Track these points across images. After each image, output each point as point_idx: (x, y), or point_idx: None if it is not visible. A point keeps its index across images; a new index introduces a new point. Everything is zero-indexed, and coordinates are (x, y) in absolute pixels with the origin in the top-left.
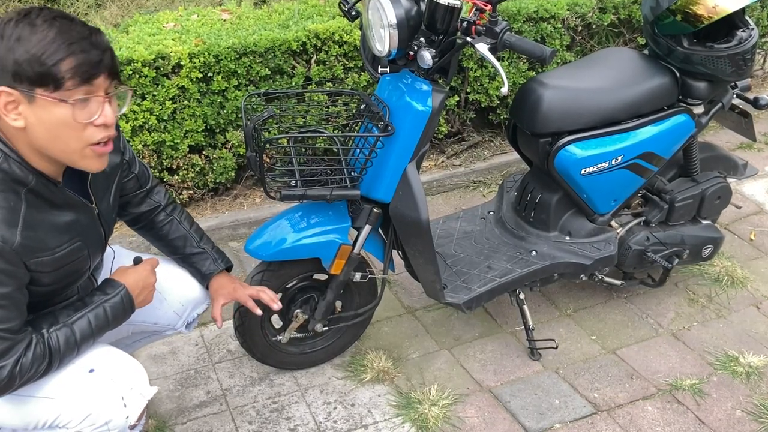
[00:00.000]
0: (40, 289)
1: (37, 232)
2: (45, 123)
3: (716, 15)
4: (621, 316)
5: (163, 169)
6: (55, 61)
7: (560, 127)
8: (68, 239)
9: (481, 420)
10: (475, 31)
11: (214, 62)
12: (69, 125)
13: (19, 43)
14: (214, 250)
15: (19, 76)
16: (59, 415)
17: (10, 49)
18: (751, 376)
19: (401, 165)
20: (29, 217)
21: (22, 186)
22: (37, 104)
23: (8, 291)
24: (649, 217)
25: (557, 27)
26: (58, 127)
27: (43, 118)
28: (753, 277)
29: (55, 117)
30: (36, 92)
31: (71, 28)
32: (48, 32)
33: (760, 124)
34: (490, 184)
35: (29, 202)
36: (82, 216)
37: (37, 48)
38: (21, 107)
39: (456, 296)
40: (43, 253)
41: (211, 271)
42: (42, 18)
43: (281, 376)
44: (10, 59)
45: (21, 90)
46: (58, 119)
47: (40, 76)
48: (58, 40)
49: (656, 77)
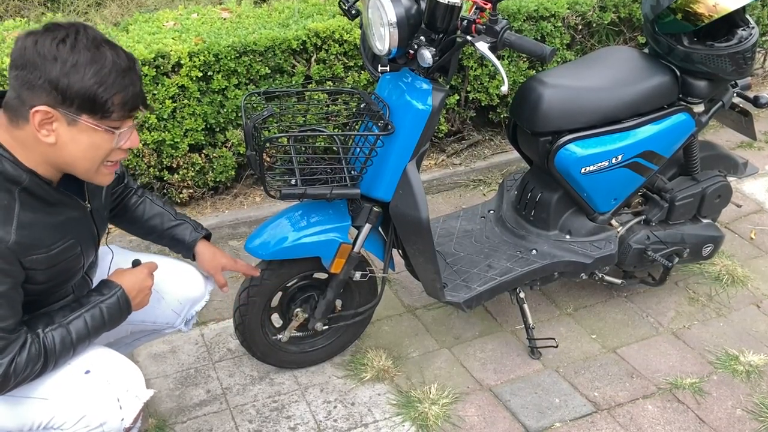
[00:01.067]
0: (35, 287)
1: (31, 230)
2: (79, 144)
3: (716, 14)
4: (621, 314)
5: (163, 168)
6: (111, 95)
7: (560, 126)
8: (62, 237)
9: (482, 419)
10: (475, 29)
11: (214, 61)
12: (102, 149)
13: (75, 69)
14: (191, 221)
15: (70, 101)
16: (54, 417)
17: (66, 75)
18: (751, 374)
19: (401, 164)
20: (23, 216)
21: (16, 185)
22: (78, 127)
23: (3, 289)
24: (650, 215)
25: (557, 26)
26: (91, 149)
27: (79, 140)
28: (753, 276)
29: (92, 141)
30: (81, 118)
31: (119, 57)
32: (104, 62)
33: (760, 122)
34: (491, 182)
35: (22, 200)
36: (75, 214)
37: (95, 79)
38: (55, 125)
39: (456, 295)
40: (38, 251)
41: (194, 238)
42: (91, 43)
43: (281, 375)
44: (64, 83)
45: (64, 112)
46: (94, 143)
47: (92, 106)
48: (113, 72)
49: (656, 76)
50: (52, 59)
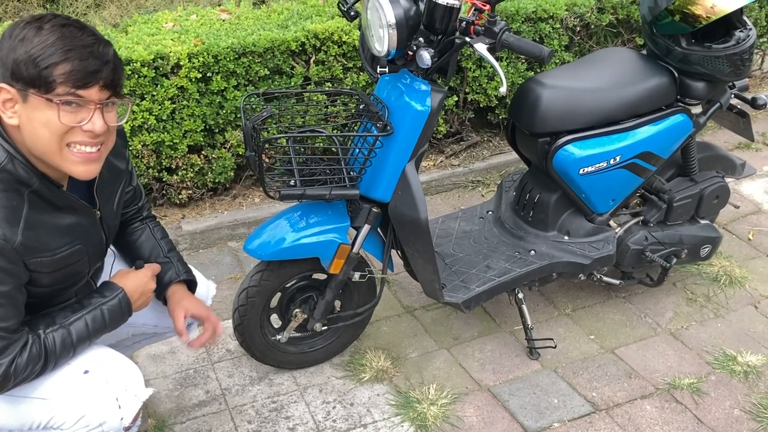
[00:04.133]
0: (39, 290)
1: (38, 233)
2: (33, 122)
3: (714, 15)
4: (619, 315)
5: (162, 169)
6: (49, 64)
7: (559, 127)
8: (69, 241)
9: (480, 419)
10: (473, 31)
11: (213, 62)
12: (54, 126)
13: (21, 43)
14: (179, 262)
15: (16, 75)
16: (53, 416)
17: (13, 49)
18: (749, 375)
19: (400, 164)
20: (31, 218)
21: (26, 187)
22: (30, 103)
23: (7, 289)
24: (648, 216)
25: (556, 27)
26: (44, 126)
27: (33, 117)
28: (751, 277)
29: (44, 116)
30: (29, 92)
31: (76, 35)
32: (50, 36)
33: (758, 123)
34: (489, 183)
35: (31, 202)
36: (84, 220)
37: (35, 50)
38: (17, 106)
39: (455, 296)
40: (43, 254)
41: (170, 280)
42: (51, 23)
43: (280, 375)
44: (11, 58)
45: (17, 88)
46: (45, 118)
47: (34, 77)
48: (58, 44)
49: (654, 77)
50: (7, 37)
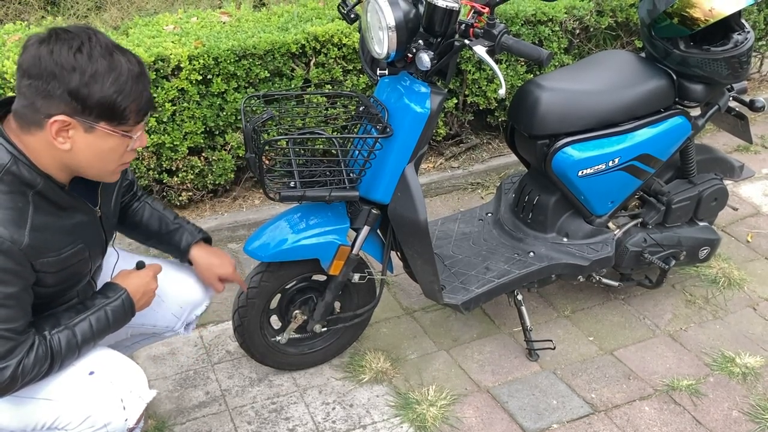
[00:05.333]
0: (44, 290)
1: (43, 233)
2: (95, 149)
3: (713, 18)
4: (618, 317)
5: (162, 171)
6: (129, 103)
7: (557, 129)
8: (72, 241)
9: (479, 420)
10: (473, 33)
11: (213, 64)
12: (117, 152)
13: (94, 79)
14: (189, 225)
15: (89, 110)
16: (58, 417)
17: (86, 85)
18: (747, 376)
19: (400, 166)
20: (36, 219)
21: (30, 188)
22: (95, 134)
23: (14, 291)
24: (647, 218)
25: (555, 30)
26: (107, 153)
27: (95, 145)
28: (750, 279)
29: (109, 145)
30: (99, 125)
31: (131, 63)
32: (120, 72)
33: (756, 126)
34: (488, 185)
35: (36, 203)
36: (85, 219)
37: (114, 88)
38: (72, 132)
39: (454, 297)
40: (49, 254)
41: (188, 243)
42: (108, 51)
43: (280, 376)
44: (84, 93)
45: (82, 120)
46: (110, 147)
47: (111, 114)
48: (130, 81)
49: (653, 80)
50: (71, 69)
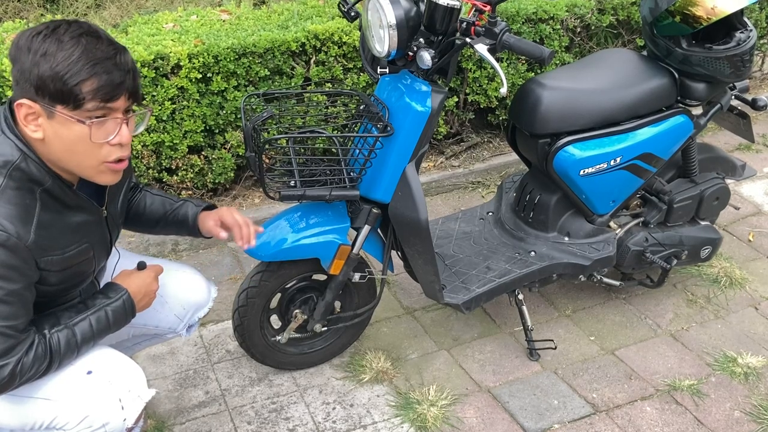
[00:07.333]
0: (47, 288)
1: (49, 231)
2: (62, 138)
3: (715, 16)
4: (620, 316)
5: (162, 170)
6: (78, 81)
7: (559, 128)
8: (77, 240)
9: (480, 420)
10: (474, 31)
11: (213, 63)
12: (85, 143)
13: (44, 58)
14: (192, 200)
15: (41, 91)
16: (56, 417)
17: (36, 64)
18: (749, 376)
19: (400, 165)
20: (43, 216)
21: (38, 185)
22: (56, 120)
23: (17, 288)
24: (648, 217)
25: (556, 28)
26: (74, 143)
27: (61, 134)
28: (751, 278)
29: (73, 134)
30: (56, 109)
31: (97, 47)
32: (73, 50)
33: (759, 125)
34: (489, 185)
35: (43, 201)
36: (91, 218)
37: (61, 66)
38: (40, 120)
39: (455, 297)
40: (54, 252)
41: (195, 214)
42: (69, 34)
43: (280, 376)
44: (35, 73)
45: (41, 104)
46: (75, 136)
47: (61, 94)
48: (83, 59)
49: (655, 78)
50: (26, 50)
